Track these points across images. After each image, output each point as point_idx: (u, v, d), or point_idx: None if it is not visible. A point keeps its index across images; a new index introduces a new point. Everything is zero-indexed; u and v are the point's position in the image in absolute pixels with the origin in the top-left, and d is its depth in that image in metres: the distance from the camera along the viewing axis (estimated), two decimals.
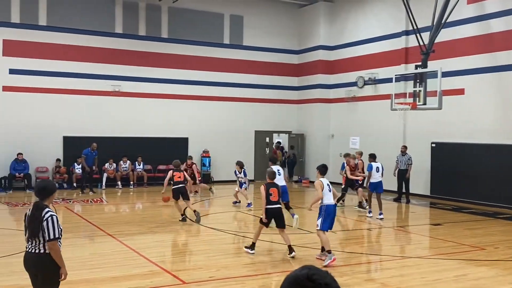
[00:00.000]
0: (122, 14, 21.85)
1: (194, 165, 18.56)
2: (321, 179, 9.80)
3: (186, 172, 15.84)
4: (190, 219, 13.50)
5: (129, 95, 21.83)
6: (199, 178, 19.38)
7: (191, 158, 18.72)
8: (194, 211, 13.54)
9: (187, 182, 14.26)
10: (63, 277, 5.44)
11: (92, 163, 19.41)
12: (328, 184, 9.72)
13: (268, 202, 9.81)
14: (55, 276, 5.39)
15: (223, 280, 8.27)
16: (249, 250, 9.99)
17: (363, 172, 15.62)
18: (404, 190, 18.12)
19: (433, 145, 18.57)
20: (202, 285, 7.98)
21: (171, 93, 22.70)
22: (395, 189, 18.46)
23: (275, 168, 12.47)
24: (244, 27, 24.38)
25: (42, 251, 5.33)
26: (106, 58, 21.47)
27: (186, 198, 13.79)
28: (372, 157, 14.97)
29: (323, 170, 9.99)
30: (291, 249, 9.67)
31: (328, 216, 9.57)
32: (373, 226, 13.46)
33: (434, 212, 14.38)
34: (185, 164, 17.77)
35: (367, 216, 14.70)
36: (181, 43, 22.90)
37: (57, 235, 5.30)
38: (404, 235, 12.94)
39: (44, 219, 5.27)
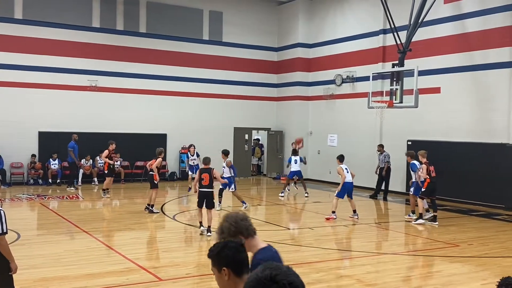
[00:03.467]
0: (99, 8, 21.59)
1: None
2: (341, 165, 13.94)
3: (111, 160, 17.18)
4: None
5: (106, 90, 21.60)
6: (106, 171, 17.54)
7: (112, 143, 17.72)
8: (148, 206, 14.23)
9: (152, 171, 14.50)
10: (14, 271, 5.37)
11: (77, 156, 19.52)
12: (346, 168, 13.84)
13: (200, 185, 11.30)
14: (7, 271, 5.31)
15: (200, 277, 8.26)
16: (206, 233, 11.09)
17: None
18: (383, 188, 18.34)
19: (409, 142, 18.77)
20: (178, 281, 7.97)
21: (149, 88, 22.53)
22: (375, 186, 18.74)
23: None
24: (223, 23, 24.31)
25: None
26: (83, 52, 21.20)
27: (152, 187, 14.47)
28: (293, 153, 18.40)
29: (341, 158, 14.27)
30: (209, 230, 11.06)
31: (344, 189, 13.75)
32: (350, 222, 13.57)
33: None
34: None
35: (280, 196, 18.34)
36: (160, 38, 22.74)
37: (5, 230, 5.24)
38: (380, 231, 13.07)
39: None
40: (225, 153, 14.99)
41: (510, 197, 15.97)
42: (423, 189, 13.51)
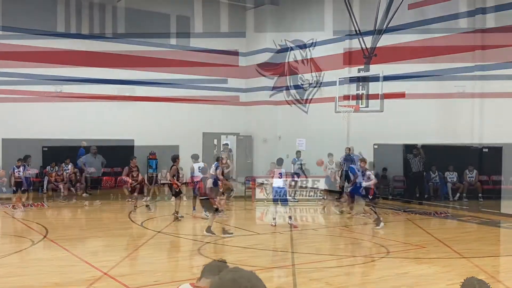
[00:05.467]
0: (64, 12, 21.24)
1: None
2: (276, 169, 13.35)
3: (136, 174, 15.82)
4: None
5: (72, 96, 21.23)
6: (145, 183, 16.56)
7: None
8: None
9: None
10: None
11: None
12: (280, 173, 13.24)
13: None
14: None
15: (168, 284, 8.17)
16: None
17: None
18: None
19: (375, 146, 19.02)
20: None
21: (116, 94, 22.23)
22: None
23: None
24: (190, 28, 24.23)
25: None
26: (48, 58, 20.77)
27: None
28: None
29: (279, 162, 13.71)
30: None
31: (274, 194, 13.28)
32: (318, 226, 13.65)
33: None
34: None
35: None
36: (126, 43, 22.48)
37: None
38: (348, 234, 13.19)
39: None
40: (194, 157, 15.27)
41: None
42: None
